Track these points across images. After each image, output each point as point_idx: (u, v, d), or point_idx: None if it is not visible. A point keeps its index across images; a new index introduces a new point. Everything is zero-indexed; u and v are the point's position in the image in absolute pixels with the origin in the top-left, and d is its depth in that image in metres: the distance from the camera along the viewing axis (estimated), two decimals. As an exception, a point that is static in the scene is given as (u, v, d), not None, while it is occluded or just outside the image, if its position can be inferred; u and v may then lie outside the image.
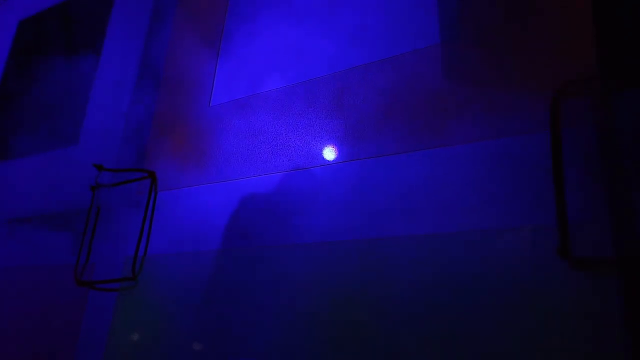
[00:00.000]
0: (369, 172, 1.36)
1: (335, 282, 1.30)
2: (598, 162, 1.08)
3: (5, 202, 2.30)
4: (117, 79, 2.17)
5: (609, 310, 0.98)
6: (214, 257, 1.55)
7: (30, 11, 2.72)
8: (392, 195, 1.30)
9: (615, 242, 1.02)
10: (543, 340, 1.02)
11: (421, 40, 1.40)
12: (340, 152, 1.44)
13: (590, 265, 1.03)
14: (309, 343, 1.28)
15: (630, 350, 0.94)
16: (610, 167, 1.07)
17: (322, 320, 1.28)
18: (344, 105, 1.48)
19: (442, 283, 1.16)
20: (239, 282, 1.47)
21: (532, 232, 1.10)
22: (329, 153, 1.46)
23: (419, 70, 1.38)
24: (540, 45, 1.22)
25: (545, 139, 1.14)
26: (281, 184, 1.52)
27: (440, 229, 1.20)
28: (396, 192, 1.30)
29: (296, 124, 1.56)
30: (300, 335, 1.30)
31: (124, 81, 2.13)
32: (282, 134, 1.58)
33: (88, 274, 1.84)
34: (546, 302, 1.04)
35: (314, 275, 1.34)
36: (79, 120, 2.22)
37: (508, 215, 1.14)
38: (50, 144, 2.28)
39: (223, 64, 1.85)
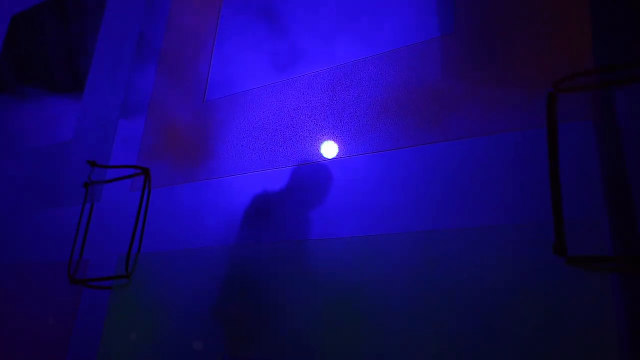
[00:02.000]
0: (364, 169, 1.35)
1: (332, 280, 1.29)
2: (596, 159, 1.06)
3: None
4: (112, 75, 2.15)
5: (606, 309, 0.97)
6: (208, 255, 1.54)
7: (23, 6, 2.70)
8: (387, 192, 1.29)
9: (613, 240, 1.01)
10: (539, 339, 1.01)
11: (418, 35, 1.38)
12: (335, 148, 1.43)
13: (588, 263, 1.01)
14: (308, 342, 1.27)
15: (628, 348, 0.93)
16: (609, 163, 1.05)
17: (320, 320, 1.27)
18: (340, 101, 1.47)
19: (437, 280, 1.15)
20: (234, 279, 1.46)
21: (528, 229, 1.09)
22: (324, 149, 1.45)
23: (415, 64, 1.36)
24: (537, 39, 1.20)
25: (541, 134, 1.13)
26: (276, 180, 1.50)
27: (435, 226, 1.19)
28: (391, 188, 1.28)
29: (291, 120, 1.55)
30: (298, 334, 1.29)
31: (118, 77, 2.11)
32: (276, 130, 1.56)
33: (81, 272, 1.82)
34: (542, 300, 1.03)
35: (311, 273, 1.33)
36: (72, 117, 2.20)
37: (504, 212, 1.12)
38: (44, 140, 2.26)
39: (218, 59, 1.83)
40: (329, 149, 1.44)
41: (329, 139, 1.45)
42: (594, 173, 1.05)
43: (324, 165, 1.42)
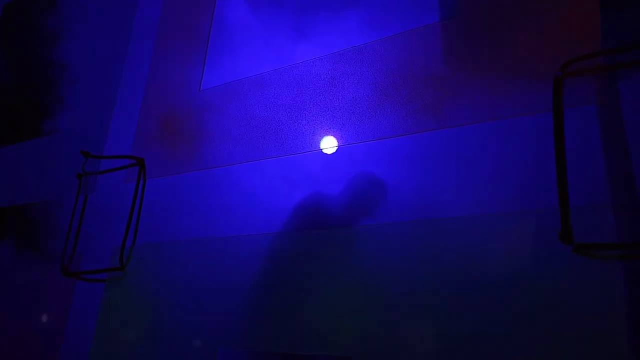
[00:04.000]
0: (364, 157, 1.32)
1: (329, 271, 1.26)
2: (602, 144, 1.04)
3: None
4: (106, 64, 2.12)
5: (612, 297, 0.95)
6: (204, 245, 1.51)
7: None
8: (388, 180, 1.26)
9: (620, 227, 0.99)
10: (544, 326, 0.99)
11: (420, 19, 1.35)
12: (334, 136, 1.40)
13: (594, 250, 0.99)
14: (307, 334, 1.25)
15: (634, 336, 0.91)
16: (615, 149, 1.03)
17: (308, 311, 1.25)
18: (339, 88, 1.44)
19: (441, 268, 1.12)
20: (231, 270, 1.43)
21: (533, 216, 1.06)
22: (323, 138, 1.42)
23: (416, 50, 1.33)
24: (542, 21, 1.18)
25: (547, 120, 1.10)
26: (273, 169, 1.47)
27: (438, 214, 1.17)
28: (392, 176, 1.26)
29: (289, 108, 1.51)
30: (298, 328, 1.26)
31: (113, 66, 2.08)
32: (274, 119, 1.53)
33: (75, 264, 1.79)
34: (548, 287, 1.01)
35: (309, 265, 1.31)
36: (66, 107, 2.17)
37: (508, 199, 1.10)
38: (37, 131, 2.22)
39: (214, 47, 1.80)
40: (329, 137, 1.41)
41: (328, 127, 1.42)
42: (600, 158, 1.03)
43: (324, 154, 1.40)
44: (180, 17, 1.95)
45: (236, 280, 1.40)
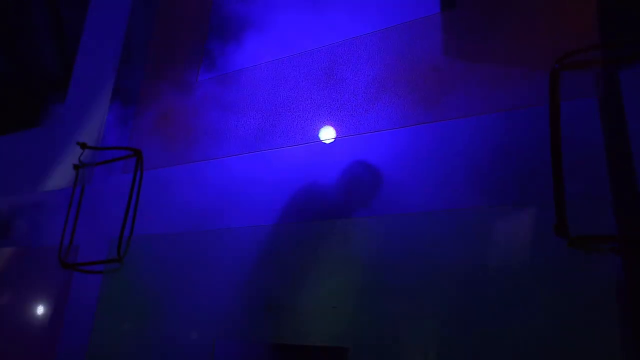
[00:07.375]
0: (362, 149, 1.32)
1: (327, 262, 1.27)
2: (599, 137, 1.04)
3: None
4: (102, 55, 2.10)
5: (606, 288, 0.96)
6: (202, 237, 1.51)
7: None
8: (385, 172, 1.26)
9: (615, 219, 0.99)
10: (539, 318, 1.00)
11: (418, 10, 1.35)
12: (332, 128, 1.39)
13: (588, 242, 1.00)
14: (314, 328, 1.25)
15: (629, 326, 0.92)
16: (611, 142, 1.03)
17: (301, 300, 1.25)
18: (337, 79, 1.43)
19: (437, 260, 1.13)
20: (228, 262, 1.43)
21: (529, 209, 1.07)
22: (321, 129, 1.41)
23: (415, 42, 1.33)
24: (540, 14, 1.17)
25: (544, 112, 1.10)
26: (270, 161, 1.47)
27: (433, 207, 1.17)
28: (390, 169, 1.26)
29: (287, 100, 1.51)
30: (296, 319, 1.27)
31: (109, 57, 2.06)
32: (272, 110, 1.53)
33: (72, 256, 1.79)
34: (543, 279, 1.01)
35: (307, 256, 1.31)
36: (63, 98, 2.15)
37: (505, 191, 1.10)
38: (33, 122, 2.21)
39: (212, 38, 1.79)
40: (326, 130, 1.41)
41: (326, 119, 1.42)
42: (597, 151, 1.03)
43: (321, 146, 1.39)
44: (179, 8, 1.94)
45: (234, 272, 1.41)
